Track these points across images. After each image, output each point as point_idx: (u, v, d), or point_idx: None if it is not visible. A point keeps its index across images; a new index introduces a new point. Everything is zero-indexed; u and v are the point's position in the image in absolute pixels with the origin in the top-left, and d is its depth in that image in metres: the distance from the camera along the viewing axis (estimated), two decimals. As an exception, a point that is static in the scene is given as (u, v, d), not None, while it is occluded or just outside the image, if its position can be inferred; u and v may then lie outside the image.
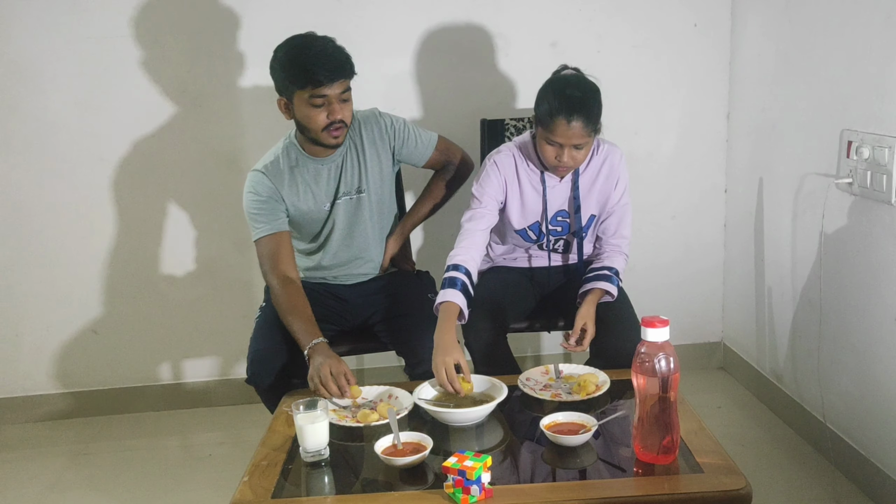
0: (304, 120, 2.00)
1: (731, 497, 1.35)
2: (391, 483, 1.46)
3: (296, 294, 2.03)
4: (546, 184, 2.11)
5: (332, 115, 1.96)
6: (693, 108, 2.80)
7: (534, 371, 1.91)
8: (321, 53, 1.93)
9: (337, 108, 1.97)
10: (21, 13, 2.55)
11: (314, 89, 1.93)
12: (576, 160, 1.98)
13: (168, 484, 2.41)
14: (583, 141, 1.94)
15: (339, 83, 1.95)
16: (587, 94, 1.94)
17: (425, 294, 2.21)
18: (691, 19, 2.71)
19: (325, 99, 1.95)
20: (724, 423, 2.58)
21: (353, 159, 2.13)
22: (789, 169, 2.40)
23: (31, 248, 2.75)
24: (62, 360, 2.85)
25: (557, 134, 1.92)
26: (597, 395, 1.75)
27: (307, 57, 1.93)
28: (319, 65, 1.92)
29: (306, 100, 1.95)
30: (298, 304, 2.01)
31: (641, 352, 1.42)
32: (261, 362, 1.99)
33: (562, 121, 1.90)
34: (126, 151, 2.69)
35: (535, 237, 2.18)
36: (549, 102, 1.93)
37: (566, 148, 1.94)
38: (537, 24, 2.67)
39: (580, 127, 1.90)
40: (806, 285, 2.34)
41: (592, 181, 2.13)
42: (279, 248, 2.07)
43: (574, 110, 1.89)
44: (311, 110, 1.96)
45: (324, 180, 2.11)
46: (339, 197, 2.13)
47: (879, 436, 2.04)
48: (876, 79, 1.94)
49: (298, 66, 1.93)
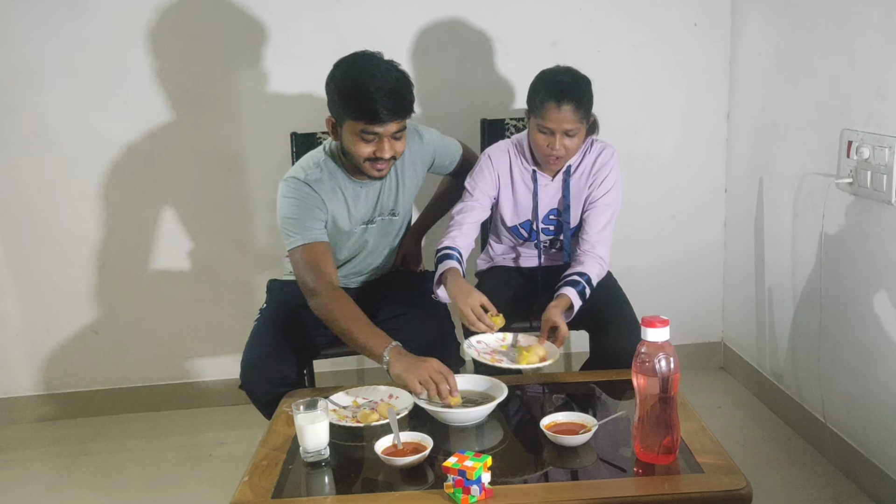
0: (349, 148, 1.89)
1: (731, 497, 1.35)
2: (391, 483, 1.46)
3: (348, 301, 1.89)
4: (538, 182, 2.12)
5: (379, 152, 1.85)
6: (693, 108, 2.80)
7: (489, 336, 1.92)
8: (383, 87, 1.78)
9: (387, 145, 1.85)
10: (21, 14, 2.55)
11: (367, 125, 1.81)
12: (567, 149, 1.99)
13: (168, 484, 2.41)
14: (573, 126, 1.95)
15: (395, 123, 1.83)
16: (577, 80, 1.98)
17: (428, 293, 2.21)
18: (691, 19, 2.71)
19: (377, 136, 1.84)
20: (724, 423, 2.58)
21: (392, 182, 2.07)
22: (789, 169, 2.40)
23: (31, 248, 2.75)
24: (62, 360, 2.85)
25: (548, 119, 1.94)
26: (538, 365, 1.79)
27: (367, 89, 1.78)
28: (379, 101, 1.78)
29: (357, 132, 1.84)
30: (355, 310, 1.87)
31: (641, 352, 1.42)
32: (254, 371, 1.97)
33: (552, 105, 1.92)
34: (126, 152, 2.69)
35: (528, 235, 2.19)
36: (539, 89, 1.97)
37: (557, 135, 1.95)
38: (537, 24, 2.67)
39: (570, 111, 1.92)
40: (806, 285, 2.34)
41: (584, 180, 2.13)
42: (322, 256, 1.93)
43: (564, 94, 1.92)
44: (358, 142, 1.85)
45: (362, 202, 2.04)
46: (373, 220, 2.09)
47: (880, 436, 2.04)
48: (876, 79, 1.94)
49: (354, 98, 1.80)
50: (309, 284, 1.91)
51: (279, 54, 2.63)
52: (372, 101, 1.78)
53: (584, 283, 2.02)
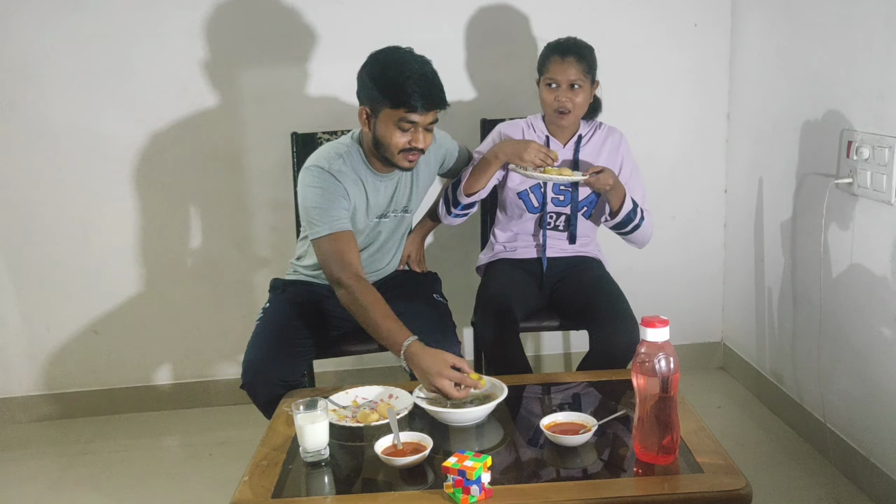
0: (384, 138, 1.92)
1: (731, 497, 1.35)
2: (391, 483, 1.46)
3: (373, 292, 1.89)
4: (550, 146, 2.16)
5: (415, 142, 1.91)
6: (693, 109, 2.80)
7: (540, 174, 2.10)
8: (422, 79, 1.86)
9: (421, 136, 1.92)
10: (21, 13, 2.55)
11: (407, 113, 1.87)
12: (574, 103, 2.11)
13: (168, 484, 2.41)
14: (577, 78, 2.09)
15: (432, 113, 1.91)
16: (579, 41, 2.15)
17: (431, 294, 2.22)
18: (691, 19, 2.71)
19: (414, 125, 1.89)
20: (724, 423, 2.58)
21: (408, 179, 2.13)
22: (789, 169, 2.40)
23: (31, 248, 2.75)
24: (62, 360, 2.85)
25: (553, 70, 2.10)
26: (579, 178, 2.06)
27: (407, 79, 1.85)
28: (419, 91, 1.85)
29: (394, 121, 1.89)
30: (380, 302, 1.88)
31: (641, 352, 1.42)
32: (255, 372, 1.96)
33: (556, 58, 2.10)
34: (126, 151, 2.69)
35: (538, 204, 2.20)
36: (544, 51, 2.16)
37: (563, 87, 2.10)
38: (537, 24, 2.67)
39: (574, 62, 2.09)
40: (806, 285, 2.34)
41: (595, 156, 2.23)
42: (347, 246, 1.94)
43: (568, 49, 2.11)
44: (395, 131, 1.90)
45: (381, 195, 2.07)
46: (386, 215, 2.12)
47: (879, 436, 2.04)
48: (876, 79, 1.94)
49: (396, 86, 1.86)
50: (335, 275, 1.91)
51: (279, 54, 2.63)
52: (414, 91, 1.85)
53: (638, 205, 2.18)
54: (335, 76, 2.60)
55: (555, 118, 2.16)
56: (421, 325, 2.04)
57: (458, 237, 2.78)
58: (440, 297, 2.23)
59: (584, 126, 2.25)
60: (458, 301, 2.41)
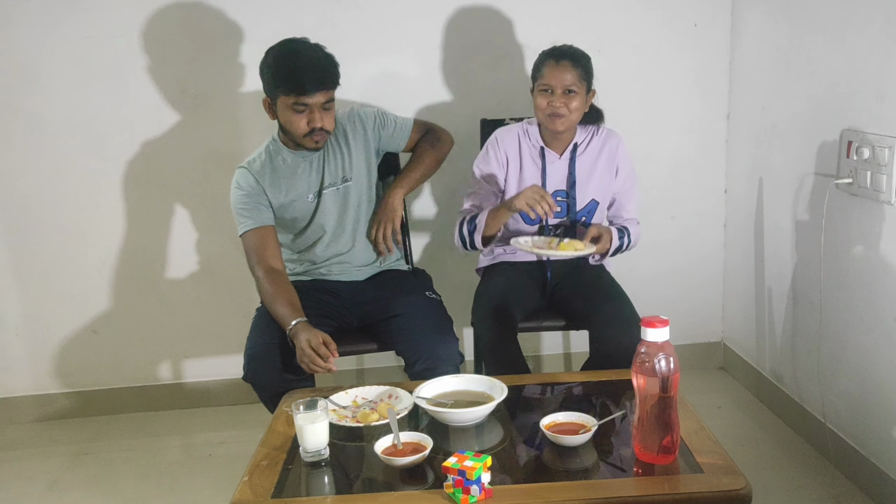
0: (286, 124, 2.07)
1: (731, 497, 1.35)
2: (391, 483, 1.46)
3: (279, 281, 2.09)
4: (546, 158, 2.15)
5: (312, 122, 2.03)
6: (693, 109, 2.80)
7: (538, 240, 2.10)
8: (308, 62, 1.99)
9: (318, 115, 2.03)
10: (21, 13, 2.55)
11: (297, 97, 1.99)
12: (568, 108, 2.07)
13: (168, 484, 2.41)
14: (572, 83, 2.05)
15: (322, 93, 2.01)
16: (574, 47, 2.14)
17: (423, 292, 2.22)
18: (691, 19, 2.71)
19: (307, 107, 2.01)
20: (724, 423, 2.58)
21: (336, 150, 2.19)
22: (789, 169, 2.40)
23: (30, 248, 2.75)
24: (62, 360, 2.85)
25: (547, 76, 2.06)
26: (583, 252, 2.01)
27: (294, 64, 1.99)
28: (305, 73, 1.98)
29: (289, 105, 2.01)
30: (281, 290, 2.06)
31: (641, 352, 1.42)
32: (258, 359, 2.00)
33: (551, 62, 2.07)
34: (126, 152, 2.69)
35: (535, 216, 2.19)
36: (539, 57, 2.14)
37: (557, 92, 2.05)
38: (537, 24, 2.66)
39: (568, 66, 2.05)
40: (806, 285, 2.34)
41: (592, 163, 2.18)
42: (264, 242, 2.13)
43: (562, 54, 2.08)
44: (293, 115, 2.03)
45: (305, 172, 2.16)
46: (324, 188, 2.17)
47: (880, 436, 2.04)
48: (876, 79, 1.94)
49: (285, 72, 2.00)
50: (252, 267, 2.13)
51: (279, 54, 2.63)
52: (300, 73, 1.98)
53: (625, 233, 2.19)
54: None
55: (548, 122, 2.12)
56: (417, 323, 2.06)
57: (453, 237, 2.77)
58: (433, 293, 2.24)
59: (579, 132, 2.21)
60: (458, 301, 2.41)
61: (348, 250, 2.24)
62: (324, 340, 1.91)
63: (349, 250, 2.24)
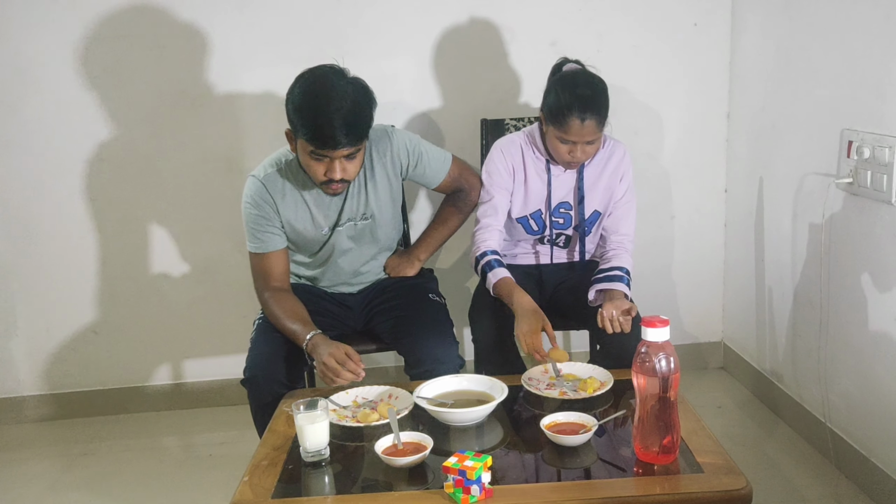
0: (304, 165, 1.91)
1: (731, 497, 1.35)
2: (391, 483, 1.46)
3: (286, 299, 2.02)
4: (551, 172, 2.13)
5: (330, 173, 1.85)
6: (693, 109, 2.80)
7: (534, 371, 1.91)
8: (336, 113, 1.77)
9: (337, 167, 1.84)
10: (21, 13, 2.55)
11: (317, 149, 1.81)
12: (588, 154, 2.03)
13: (168, 484, 2.41)
14: (595, 137, 1.99)
15: (346, 148, 1.82)
16: (597, 91, 1.99)
17: (427, 293, 2.21)
18: (691, 19, 2.71)
19: (327, 159, 1.84)
20: (724, 423, 2.58)
21: (361, 185, 2.04)
22: (789, 169, 2.40)
23: (31, 249, 2.75)
24: (62, 360, 2.85)
25: (571, 133, 1.96)
26: (603, 391, 1.76)
27: (319, 113, 1.77)
28: (330, 129, 1.77)
29: (308, 151, 1.84)
30: (288, 307, 1.99)
31: (642, 352, 1.42)
32: (261, 366, 1.97)
33: (575, 120, 1.94)
34: (126, 153, 2.69)
35: (538, 228, 2.18)
36: (560, 101, 1.96)
37: (579, 144, 1.99)
38: (537, 24, 2.66)
39: (593, 125, 1.96)
40: (806, 285, 2.34)
41: (598, 175, 2.15)
42: (272, 266, 2.04)
43: (587, 109, 1.94)
44: (311, 161, 1.86)
45: (325, 206, 2.04)
46: (340, 224, 2.07)
47: (880, 436, 2.04)
48: (876, 79, 1.94)
49: (308, 120, 1.79)
50: (258, 289, 2.07)
51: (279, 54, 2.63)
52: (322, 128, 1.77)
53: (627, 277, 2.07)
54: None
55: (565, 165, 2.08)
56: (418, 326, 2.05)
57: (459, 237, 2.77)
58: (436, 296, 2.22)
59: None
60: (458, 301, 2.41)
61: (357, 276, 2.20)
62: (347, 352, 1.83)
63: (358, 276, 2.20)
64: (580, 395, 1.75)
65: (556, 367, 1.89)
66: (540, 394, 1.77)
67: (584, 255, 2.23)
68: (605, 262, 2.12)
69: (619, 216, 2.17)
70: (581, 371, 1.88)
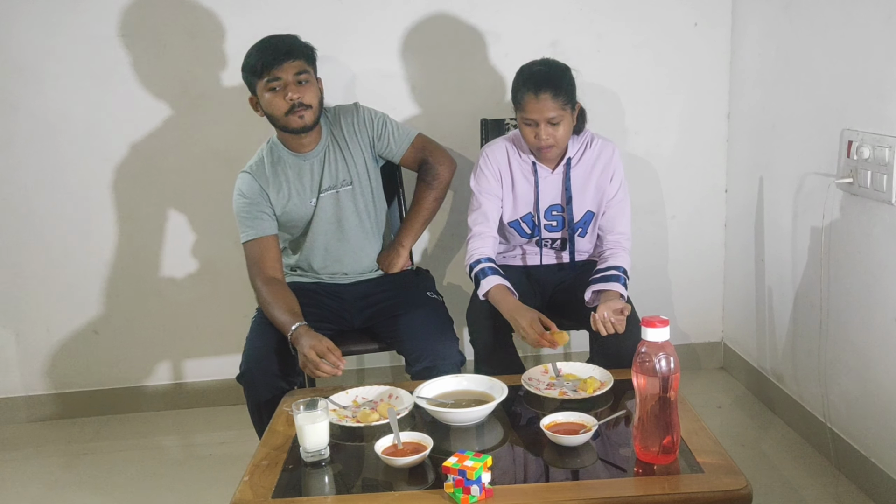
0: (267, 108, 2.05)
1: (731, 497, 1.35)
2: (391, 483, 1.46)
3: (278, 289, 2.08)
4: (538, 174, 2.12)
5: (290, 95, 2.00)
6: (693, 108, 2.80)
7: (534, 371, 1.91)
8: (273, 40, 2.03)
9: (293, 88, 2.01)
10: (21, 13, 2.55)
11: (268, 73, 1.99)
12: (555, 138, 2.01)
13: (168, 484, 2.41)
14: (555, 114, 1.98)
15: (290, 65, 2.00)
16: (552, 69, 2.02)
17: (425, 292, 2.21)
18: (691, 19, 2.71)
19: (280, 82, 2.00)
20: (724, 423, 2.58)
21: (336, 152, 2.17)
22: (789, 169, 2.40)
23: (31, 248, 2.75)
24: (62, 360, 2.85)
25: (528, 110, 1.98)
26: (603, 391, 1.76)
27: (260, 45, 2.03)
28: (271, 49, 2.00)
29: (265, 88, 2.01)
30: (279, 297, 2.05)
31: (641, 352, 1.42)
32: (256, 361, 1.99)
33: (530, 95, 1.97)
34: (127, 152, 2.69)
35: (530, 231, 2.18)
36: (517, 83, 2.02)
37: (542, 124, 1.99)
38: (537, 24, 2.66)
39: (549, 98, 1.96)
40: (806, 285, 2.34)
41: (587, 175, 2.14)
42: (264, 252, 2.13)
43: (540, 84, 1.97)
44: (271, 97, 2.01)
45: (307, 175, 2.15)
46: (322, 191, 2.15)
47: (880, 436, 2.04)
48: (876, 79, 1.94)
49: (254, 56, 2.02)
50: (252, 277, 2.13)
51: (279, 54, 2.63)
52: (266, 50, 2.01)
53: (624, 277, 2.07)
54: (335, 77, 2.59)
55: (538, 154, 2.08)
56: (418, 324, 2.06)
57: (456, 237, 2.78)
58: (434, 294, 2.23)
59: (571, 145, 2.12)
60: (458, 300, 2.40)
61: (348, 257, 2.22)
62: (328, 347, 1.89)
63: (349, 257, 2.22)
64: (580, 395, 1.75)
65: (556, 367, 1.90)
66: (540, 394, 1.77)
67: (575, 256, 2.23)
68: (602, 262, 2.13)
69: (613, 215, 2.17)
70: (581, 371, 1.88)
